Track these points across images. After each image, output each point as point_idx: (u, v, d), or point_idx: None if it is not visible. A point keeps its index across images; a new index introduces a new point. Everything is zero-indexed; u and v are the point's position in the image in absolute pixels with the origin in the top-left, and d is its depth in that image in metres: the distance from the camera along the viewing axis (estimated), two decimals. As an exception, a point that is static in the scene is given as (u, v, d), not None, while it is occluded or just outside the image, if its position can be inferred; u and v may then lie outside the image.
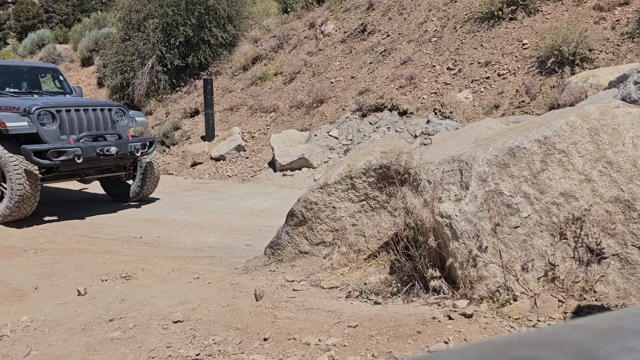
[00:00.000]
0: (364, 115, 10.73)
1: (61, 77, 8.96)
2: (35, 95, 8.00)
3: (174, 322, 3.19)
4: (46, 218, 7.20)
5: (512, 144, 3.13)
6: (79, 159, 6.74)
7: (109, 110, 7.59)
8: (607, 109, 3.14)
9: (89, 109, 7.32)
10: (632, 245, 2.77)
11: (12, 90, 8.02)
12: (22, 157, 6.55)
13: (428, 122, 9.83)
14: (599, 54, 9.28)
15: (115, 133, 7.51)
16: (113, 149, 7.10)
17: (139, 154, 7.49)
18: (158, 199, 8.59)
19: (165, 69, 14.88)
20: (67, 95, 8.49)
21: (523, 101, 9.34)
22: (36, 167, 6.66)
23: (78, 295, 3.87)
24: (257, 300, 3.45)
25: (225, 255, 5.32)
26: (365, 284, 3.71)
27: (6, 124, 6.50)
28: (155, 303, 3.56)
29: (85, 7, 30.78)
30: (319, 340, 2.76)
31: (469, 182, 3.16)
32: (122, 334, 3.09)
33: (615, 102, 3.25)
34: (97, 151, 6.97)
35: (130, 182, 8.46)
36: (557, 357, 0.38)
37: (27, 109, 6.72)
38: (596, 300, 2.76)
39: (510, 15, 10.66)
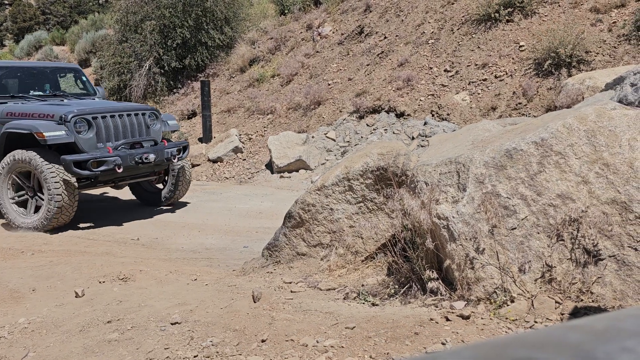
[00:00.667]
0: (361, 117, 10.75)
1: (84, 78, 8.52)
2: (65, 100, 7.61)
3: (172, 324, 3.19)
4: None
5: (509, 146, 3.14)
6: (119, 169, 6.49)
7: (143, 114, 7.27)
8: (604, 111, 3.15)
9: (124, 114, 7.00)
10: (629, 247, 2.78)
11: (36, 93, 7.66)
12: (59, 166, 6.27)
13: (425, 124, 9.85)
14: (595, 55, 9.31)
15: (151, 139, 7.21)
16: (151, 157, 6.81)
17: (175, 160, 7.24)
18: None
19: (162, 71, 14.88)
20: (95, 98, 8.21)
21: (520, 103, 9.37)
22: (73, 177, 6.40)
23: (76, 297, 3.86)
24: (254, 302, 3.46)
25: (222, 257, 5.32)
26: (362, 285, 3.71)
27: (44, 134, 6.19)
28: (153, 305, 3.56)
29: (82, 8, 30.74)
30: (317, 342, 2.76)
31: (466, 183, 3.17)
32: (120, 336, 3.09)
33: (611, 104, 3.26)
34: (136, 159, 6.70)
35: (160, 185, 8.15)
36: (555, 357, 0.38)
37: (63, 117, 6.39)
38: (593, 301, 2.77)
39: (507, 18, 10.69)
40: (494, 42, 10.54)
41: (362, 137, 10.30)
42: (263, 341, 2.86)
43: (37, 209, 6.60)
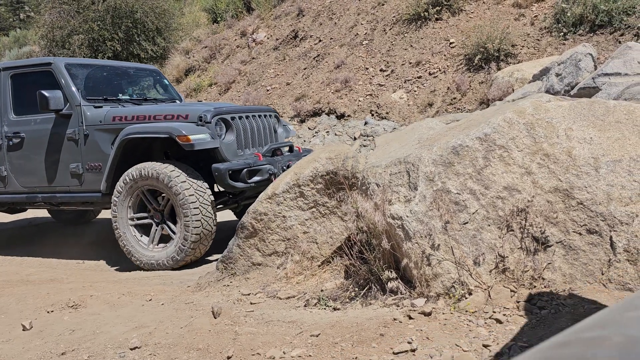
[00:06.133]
0: (302, 121, 10.79)
1: (165, 81, 7.21)
2: (176, 102, 6.46)
3: (131, 349, 3.09)
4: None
5: (455, 143, 3.23)
6: (275, 179, 5.29)
7: (270, 116, 6.17)
8: (540, 104, 3.30)
9: (256, 116, 5.90)
10: (574, 232, 2.93)
11: (124, 97, 6.35)
12: (196, 181, 5.14)
13: (366, 123, 10.00)
14: (521, 49, 9.74)
15: (287, 144, 6.21)
16: None
17: None
18: (96, 221, 8.29)
19: (93, 86, 14.41)
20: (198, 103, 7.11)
21: (455, 98, 9.67)
22: (211, 195, 5.25)
23: (23, 330, 3.67)
24: (215, 318, 3.40)
25: (175, 274, 5.20)
26: (322, 290, 3.72)
27: (190, 137, 5.02)
28: (108, 330, 3.44)
29: (2, 25, 29.32)
30: (284, 353, 2.75)
31: (417, 182, 3.24)
32: (77, 367, 2.97)
33: (546, 97, 3.42)
34: (284, 168, 5.61)
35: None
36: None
37: (202, 117, 5.23)
38: (545, 287, 2.89)
39: (436, 16, 11.01)
40: (426, 40, 10.83)
41: (304, 141, 10.33)
42: (229, 358, 2.82)
43: (162, 238, 5.44)
